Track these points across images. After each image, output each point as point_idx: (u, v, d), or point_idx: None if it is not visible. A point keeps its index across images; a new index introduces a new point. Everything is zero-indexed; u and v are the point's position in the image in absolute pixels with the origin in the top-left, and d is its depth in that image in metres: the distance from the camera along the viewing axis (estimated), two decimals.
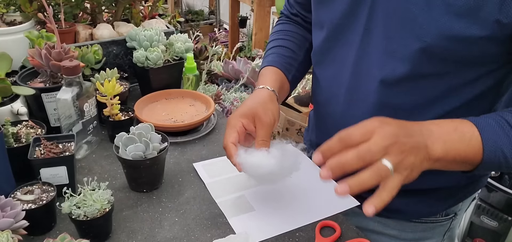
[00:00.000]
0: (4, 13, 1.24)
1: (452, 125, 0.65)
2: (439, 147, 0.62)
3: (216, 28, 5.16)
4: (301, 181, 0.93)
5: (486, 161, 0.64)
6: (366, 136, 0.59)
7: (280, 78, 0.91)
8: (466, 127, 0.65)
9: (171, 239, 0.75)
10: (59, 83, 1.00)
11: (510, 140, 0.64)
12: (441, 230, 0.92)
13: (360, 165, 0.59)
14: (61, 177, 0.80)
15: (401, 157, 0.58)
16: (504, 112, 0.68)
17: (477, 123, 0.65)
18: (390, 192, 0.58)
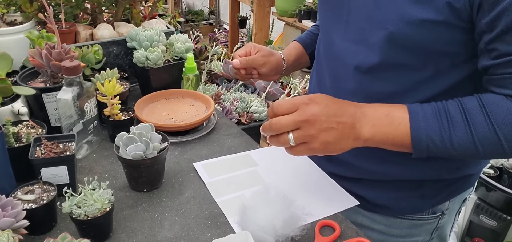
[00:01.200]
0: (4, 13, 1.24)
1: (386, 110, 0.72)
2: (367, 130, 0.71)
3: (216, 28, 5.16)
4: (301, 181, 0.93)
5: (415, 145, 0.69)
6: (290, 110, 0.71)
7: (298, 51, 1.12)
8: (398, 112, 0.71)
9: (171, 238, 0.75)
10: (59, 83, 1.00)
11: (442, 127, 0.67)
12: (428, 229, 0.93)
13: (271, 133, 0.73)
14: (62, 176, 0.81)
15: (308, 135, 0.69)
16: (451, 100, 0.70)
17: (410, 109, 0.71)
18: (291, 153, 0.74)
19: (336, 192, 0.91)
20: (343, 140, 0.70)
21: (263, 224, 0.73)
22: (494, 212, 1.18)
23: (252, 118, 1.65)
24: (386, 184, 0.88)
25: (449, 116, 0.68)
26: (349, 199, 0.88)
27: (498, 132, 0.64)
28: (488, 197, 1.20)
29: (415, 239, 0.94)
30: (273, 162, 1.00)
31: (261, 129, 0.76)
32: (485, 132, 0.65)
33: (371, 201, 0.90)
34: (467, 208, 1.27)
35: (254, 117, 1.67)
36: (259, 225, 0.73)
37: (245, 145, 1.06)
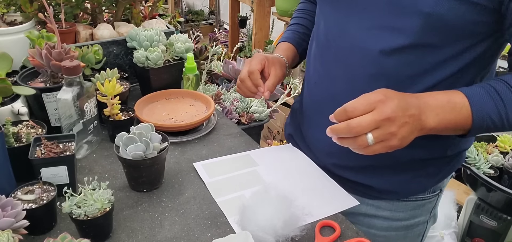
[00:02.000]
0: (4, 13, 1.24)
1: (445, 97, 0.73)
2: (432, 119, 0.71)
3: (216, 28, 5.16)
4: (301, 181, 0.93)
5: (475, 126, 0.72)
6: (367, 110, 0.67)
7: (292, 53, 1.08)
8: (457, 97, 0.73)
9: (171, 238, 0.75)
10: (59, 83, 1.00)
11: (497, 106, 0.72)
12: (428, 207, 0.97)
13: (350, 136, 0.68)
14: (62, 176, 0.81)
15: (388, 133, 0.67)
16: (493, 80, 0.74)
17: (467, 93, 0.73)
18: (365, 153, 0.69)
19: (336, 192, 0.90)
20: (412, 133, 0.70)
21: (263, 224, 0.73)
22: (495, 212, 1.17)
23: (252, 118, 1.65)
24: (393, 168, 0.89)
25: (500, 95, 0.72)
26: (349, 199, 0.88)
27: None
28: (488, 197, 1.20)
29: (417, 220, 0.96)
30: (273, 162, 1.00)
31: (334, 132, 0.70)
32: None
33: (378, 187, 0.91)
34: (467, 208, 1.27)
35: (254, 117, 1.67)
36: (259, 225, 0.73)
37: (245, 145, 1.06)
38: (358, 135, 0.67)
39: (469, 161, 1.20)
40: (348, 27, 0.83)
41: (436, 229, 1.27)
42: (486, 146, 1.25)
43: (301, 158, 1.02)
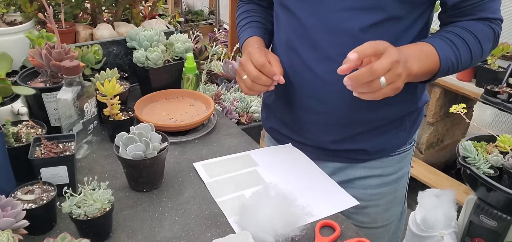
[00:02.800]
0: (4, 13, 1.24)
1: (418, 48, 0.85)
2: (415, 66, 0.82)
3: (216, 28, 5.16)
4: (301, 181, 0.93)
5: (441, 69, 0.86)
6: (377, 54, 0.75)
7: (264, 44, 1.06)
8: (427, 47, 0.86)
9: (171, 238, 0.75)
10: (59, 83, 1.00)
11: (453, 50, 0.86)
12: (408, 158, 1.10)
13: (370, 79, 0.75)
14: (62, 176, 0.81)
15: (396, 74, 0.76)
16: (442, 31, 0.89)
17: (431, 42, 0.86)
18: (375, 97, 0.78)
19: (336, 192, 0.91)
20: (407, 77, 0.80)
21: (263, 224, 0.73)
22: (494, 212, 1.17)
23: (252, 118, 1.65)
24: (380, 129, 0.99)
25: (453, 41, 0.87)
26: (349, 199, 0.88)
27: (482, 44, 0.88)
28: (488, 197, 1.20)
29: (402, 171, 1.08)
30: (273, 162, 1.00)
31: (355, 78, 0.75)
32: (475, 47, 0.87)
33: (370, 149, 1.01)
34: (467, 208, 1.27)
35: (254, 117, 1.67)
36: (259, 225, 0.73)
37: (245, 145, 1.06)
38: (375, 79, 0.74)
39: (469, 161, 1.20)
40: (325, 13, 0.89)
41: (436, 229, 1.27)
42: (486, 146, 1.25)
43: (301, 158, 1.02)
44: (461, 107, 1.75)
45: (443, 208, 1.15)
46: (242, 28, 1.11)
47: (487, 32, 0.88)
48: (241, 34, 1.10)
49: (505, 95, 2.10)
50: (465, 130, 2.84)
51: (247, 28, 1.09)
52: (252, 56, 0.91)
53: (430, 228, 1.15)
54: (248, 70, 0.91)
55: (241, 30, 1.11)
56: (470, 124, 2.81)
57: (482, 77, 2.27)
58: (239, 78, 0.95)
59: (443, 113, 2.59)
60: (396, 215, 1.13)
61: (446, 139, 2.76)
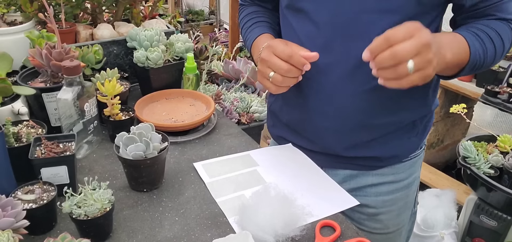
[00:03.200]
0: (4, 13, 1.24)
1: (451, 36, 0.82)
2: (449, 53, 0.77)
3: (216, 28, 5.16)
4: (301, 181, 0.93)
5: (471, 62, 0.81)
6: (407, 37, 0.68)
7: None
8: (458, 36, 0.82)
9: (171, 238, 0.75)
10: (59, 83, 1.00)
11: (480, 44, 0.82)
12: (419, 163, 1.07)
13: (393, 63, 0.68)
14: (62, 176, 0.81)
15: (426, 60, 0.69)
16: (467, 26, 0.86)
17: (462, 33, 0.83)
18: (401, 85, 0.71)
19: (336, 192, 0.91)
20: (438, 65, 0.74)
21: (263, 224, 0.73)
22: (495, 212, 1.17)
23: (252, 118, 1.65)
24: (393, 134, 0.96)
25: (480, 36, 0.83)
26: (349, 199, 0.88)
27: (504, 42, 0.84)
28: (488, 197, 1.20)
29: (413, 176, 1.05)
30: (273, 162, 1.00)
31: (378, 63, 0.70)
32: (499, 44, 0.84)
33: (383, 156, 0.98)
34: (468, 208, 1.27)
35: (255, 117, 1.67)
36: (259, 225, 0.73)
37: (245, 145, 1.06)
38: (400, 62, 0.68)
39: (469, 161, 1.20)
40: (342, 16, 0.85)
41: (437, 228, 1.27)
42: (486, 146, 1.25)
43: (301, 158, 1.02)
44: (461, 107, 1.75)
45: (443, 208, 1.16)
46: (248, 29, 1.04)
47: (508, 32, 0.85)
48: (248, 35, 1.03)
49: (506, 95, 2.10)
50: (465, 130, 2.84)
51: (255, 28, 1.02)
52: (275, 49, 0.83)
53: (431, 228, 1.16)
54: (276, 64, 0.82)
55: (248, 30, 1.04)
56: (471, 124, 2.81)
57: (483, 77, 2.27)
58: (262, 77, 0.86)
59: (443, 113, 2.59)
60: (407, 219, 1.11)
61: (446, 139, 2.76)
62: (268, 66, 0.83)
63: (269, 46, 0.84)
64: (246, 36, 1.03)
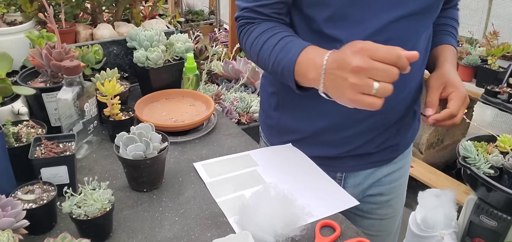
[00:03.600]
0: (4, 13, 1.24)
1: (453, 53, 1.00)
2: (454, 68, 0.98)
3: (216, 28, 5.16)
4: (301, 181, 0.93)
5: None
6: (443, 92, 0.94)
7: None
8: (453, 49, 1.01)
9: (171, 238, 0.75)
10: (59, 83, 1.00)
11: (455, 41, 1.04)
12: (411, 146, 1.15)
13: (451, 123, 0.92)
14: (62, 176, 0.81)
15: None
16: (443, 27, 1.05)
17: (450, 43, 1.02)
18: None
19: (336, 192, 0.91)
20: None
21: (263, 224, 0.73)
22: (495, 212, 1.17)
23: (252, 118, 1.65)
24: (408, 119, 1.03)
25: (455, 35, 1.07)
26: (349, 199, 0.88)
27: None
28: (488, 197, 1.20)
29: (409, 157, 1.15)
30: (273, 162, 1.00)
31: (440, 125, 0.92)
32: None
33: (402, 143, 1.05)
34: (467, 208, 1.27)
35: (254, 117, 1.67)
36: (259, 225, 0.73)
37: (245, 145, 1.06)
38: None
39: (469, 161, 1.20)
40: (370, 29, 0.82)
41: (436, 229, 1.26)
42: (486, 146, 1.25)
43: (301, 158, 1.02)
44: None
45: (443, 208, 1.15)
46: (277, 45, 0.82)
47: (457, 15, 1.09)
48: (279, 54, 0.82)
49: (505, 95, 2.10)
50: (465, 130, 2.84)
51: (290, 42, 0.82)
52: (375, 52, 0.65)
53: (430, 228, 1.15)
54: (384, 71, 0.65)
55: (278, 45, 0.82)
56: (470, 124, 2.81)
57: (482, 77, 2.27)
58: (360, 94, 0.67)
59: None
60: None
61: (446, 139, 2.76)
62: (369, 76, 0.65)
63: (364, 49, 0.66)
64: (275, 55, 0.83)
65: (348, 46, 0.69)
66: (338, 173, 1.04)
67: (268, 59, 0.84)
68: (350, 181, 1.05)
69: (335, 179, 0.99)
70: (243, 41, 0.92)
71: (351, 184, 1.05)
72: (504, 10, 2.37)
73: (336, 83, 0.69)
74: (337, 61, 0.70)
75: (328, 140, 0.99)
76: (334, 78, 0.70)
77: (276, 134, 1.07)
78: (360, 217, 1.10)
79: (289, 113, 1.01)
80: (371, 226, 1.11)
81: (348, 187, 1.04)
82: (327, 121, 0.96)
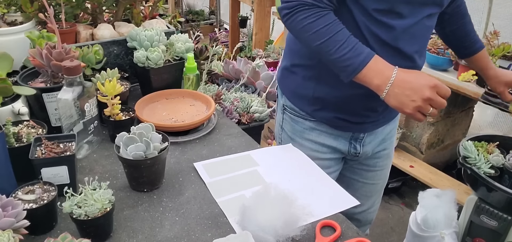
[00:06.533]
0: (5, 13, 1.24)
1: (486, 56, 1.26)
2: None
3: (216, 28, 5.16)
4: (301, 181, 0.93)
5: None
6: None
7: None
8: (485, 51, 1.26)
9: (171, 238, 0.75)
10: (60, 83, 1.00)
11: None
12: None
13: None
14: (62, 176, 0.81)
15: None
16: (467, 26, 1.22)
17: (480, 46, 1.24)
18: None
19: (337, 192, 0.91)
20: None
21: (264, 224, 0.73)
22: (495, 212, 1.17)
23: (252, 118, 1.65)
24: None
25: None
26: (350, 199, 0.88)
27: None
28: (489, 197, 1.20)
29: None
30: (274, 162, 1.00)
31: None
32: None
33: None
34: (468, 208, 1.27)
35: (255, 117, 1.67)
36: (260, 225, 0.73)
37: (245, 145, 1.06)
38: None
39: (469, 161, 1.20)
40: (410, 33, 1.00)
41: (437, 229, 1.26)
42: (486, 146, 1.25)
43: (301, 158, 1.02)
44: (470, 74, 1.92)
45: (443, 208, 1.15)
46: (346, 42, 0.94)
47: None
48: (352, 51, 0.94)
49: None
50: (465, 130, 2.83)
51: (357, 43, 0.95)
52: (440, 89, 0.91)
53: (431, 228, 1.15)
54: (441, 104, 0.91)
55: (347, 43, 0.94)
56: (471, 124, 2.81)
57: None
58: (418, 113, 0.92)
59: (443, 113, 2.59)
60: None
61: (446, 139, 2.75)
62: (430, 104, 0.91)
63: (435, 86, 0.91)
64: (343, 51, 0.94)
65: (422, 77, 0.92)
66: (361, 134, 1.16)
67: (334, 50, 0.95)
68: (368, 139, 1.18)
69: (358, 139, 1.17)
70: (302, 23, 0.97)
71: (369, 142, 1.19)
72: (505, 10, 2.37)
73: (401, 98, 0.91)
74: (410, 84, 0.91)
75: (357, 107, 1.10)
76: (401, 94, 0.91)
77: (308, 102, 1.14)
78: (366, 171, 1.28)
79: (324, 83, 1.09)
80: (373, 176, 1.29)
81: (365, 145, 1.18)
82: (358, 89, 1.00)
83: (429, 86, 0.91)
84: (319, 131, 1.15)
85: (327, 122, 1.14)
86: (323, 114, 1.13)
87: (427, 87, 0.90)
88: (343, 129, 1.15)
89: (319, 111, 1.13)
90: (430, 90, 0.90)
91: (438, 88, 0.91)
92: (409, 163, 2.54)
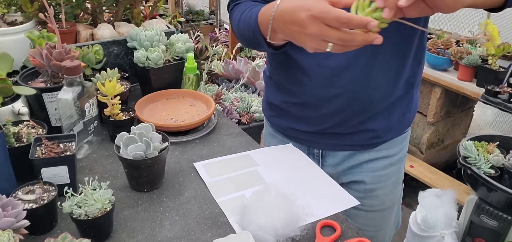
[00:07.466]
0: (5, 13, 1.24)
1: None
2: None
3: (216, 28, 5.16)
4: (301, 181, 0.93)
5: None
6: None
7: None
8: None
9: (171, 238, 0.75)
10: (60, 83, 1.00)
11: None
12: (407, 139, 1.12)
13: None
14: (62, 176, 0.81)
15: None
16: None
17: None
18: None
19: (337, 192, 0.91)
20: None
21: (264, 224, 0.73)
22: (495, 212, 1.17)
23: (252, 118, 1.65)
24: (390, 108, 1.00)
25: None
26: (350, 199, 0.88)
27: None
28: (489, 197, 1.20)
29: (403, 152, 1.11)
30: (274, 162, 1.00)
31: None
32: None
33: (382, 129, 1.02)
34: (468, 208, 1.27)
35: (255, 117, 1.67)
36: (260, 225, 0.73)
37: (245, 145, 1.06)
38: None
39: (469, 161, 1.20)
40: None
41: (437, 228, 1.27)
42: (486, 146, 1.25)
43: (301, 158, 1.02)
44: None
45: (443, 208, 1.16)
46: (249, 13, 0.89)
47: None
48: (249, 12, 0.88)
49: (506, 95, 2.09)
50: (465, 130, 2.83)
51: (255, 6, 0.88)
52: (325, 18, 0.66)
53: (431, 228, 1.15)
54: (336, 37, 0.67)
55: (249, 10, 0.89)
56: (471, 124, 2.81)
57: (483, 77, 2.27)
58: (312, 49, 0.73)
59: (443, 113, 2.59)
60: (399, 195, 1.17)
61: (446, 139, 2.76)
62: (322, 39, 0.69)
63: (318, 17, 0.67)
64: (247, 14, 0.89)
65: (302, 3, 0.69)
66: (315, 149, 1.07)
67: (242, 24, 0.89)
68: (328, 160, 1.07)
69: (313, 155, 1.08)
70: (232, 18, 0.97)
71: (330, 163, 1.07)
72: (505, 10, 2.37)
73: (290, 33, 0.74)
74: (290, 16, 0.72)
75: (306, 116, 1.03)
76: (286, 28, 0.74)
77: (267, 107, 1.15)
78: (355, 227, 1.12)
79: (277, 89, 1.08)
80: (357, 217, 1.07)
81: (326, 166, 1.07)
82: (302, 98, 1.01)
83: (309, 17, 0.68)
84: (278, 139, 1.13)
85: (281, 131, 1.11)
86: (277, 121, 1.12)
87: (308, 20, 0.68)
88: (298, 141, 1.07)
89: (275, 118, 1.13)
90: (312, 23, 0.68)
91: (323, 18, 0.66)
92: (409, 163, 2.54)
